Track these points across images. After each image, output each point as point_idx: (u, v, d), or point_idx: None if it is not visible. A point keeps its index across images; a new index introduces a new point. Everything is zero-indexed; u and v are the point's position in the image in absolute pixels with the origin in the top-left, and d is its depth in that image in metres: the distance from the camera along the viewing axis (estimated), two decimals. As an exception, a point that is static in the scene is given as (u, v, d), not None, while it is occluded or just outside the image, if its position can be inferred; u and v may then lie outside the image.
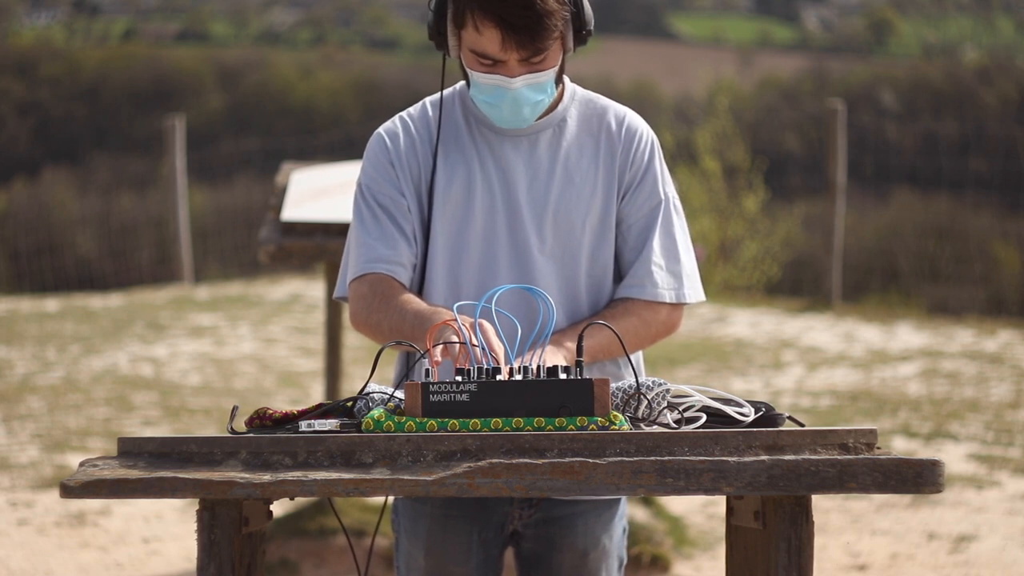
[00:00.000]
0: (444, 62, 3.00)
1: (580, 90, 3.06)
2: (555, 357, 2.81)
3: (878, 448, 2.35)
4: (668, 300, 3.00)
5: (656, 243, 3.01)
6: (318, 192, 5.76)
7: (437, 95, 3.05)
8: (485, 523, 3.07)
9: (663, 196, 3.04)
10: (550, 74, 2.90)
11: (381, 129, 3.05)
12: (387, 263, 2.95)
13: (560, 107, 3.02)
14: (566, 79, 3.03)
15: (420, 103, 3.07)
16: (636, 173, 3.02)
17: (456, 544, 3.05)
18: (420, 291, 3.00)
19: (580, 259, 3.00)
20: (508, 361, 2.62)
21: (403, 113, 3.06)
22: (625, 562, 3.19)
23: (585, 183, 3.00)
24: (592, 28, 2.93)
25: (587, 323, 2.81)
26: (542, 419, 2.40)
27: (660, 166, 3.06)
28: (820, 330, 11.41)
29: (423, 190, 3.00)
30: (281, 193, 5.82)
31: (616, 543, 3.13)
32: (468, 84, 2.96)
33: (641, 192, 3.02)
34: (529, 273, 2.97)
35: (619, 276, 3.05)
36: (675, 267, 3.02)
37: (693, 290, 3.04)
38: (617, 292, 3.02)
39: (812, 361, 10.04)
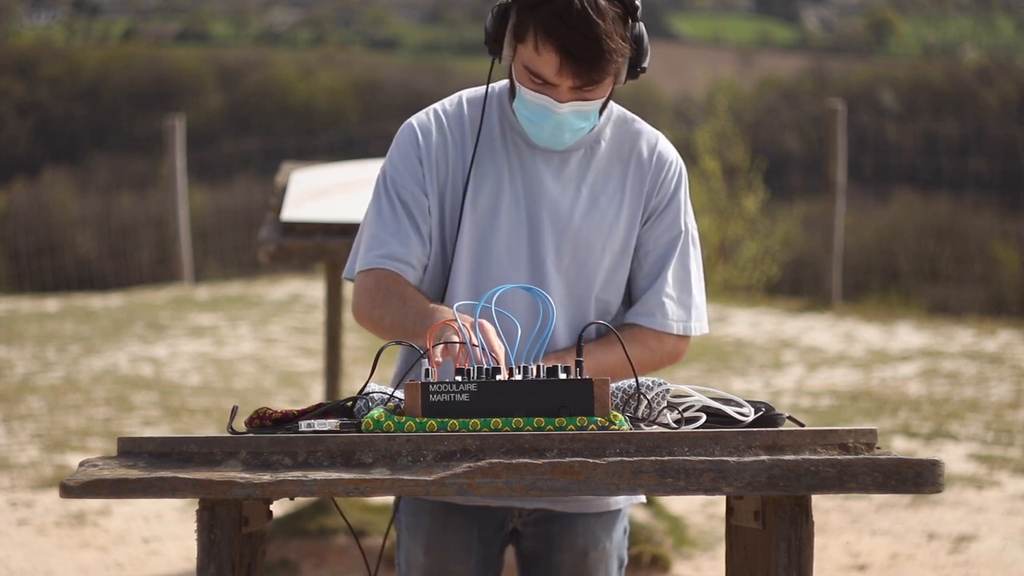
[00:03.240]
0: (492, 66, 2.95)
1: (617, 109, 3.03)
2: None
3: (878, 448, 2.35)
4: (676, 332, 3.01)
5: (671, 274, 3.00)
6: (318, 192, 5.76)
7: (475, 92, 3.01)
8: (485, 521, 3.07)
9: (683, 227, 3.03)
10: (597, 103, 2.87)
11: (414, 120, 3.00)
12: (397, 261, 2.94)
13: (596, 128, 2.99)
14: None
15: (457, 97, 3.02)
16: (661, 201, 3.01)
17: (456, 542, 3.06)
18: (443, 292, 2.99)
19: (594, 281, 2.99)
20: (508, 361, 2.61)
21: (437, 106, 3.02)
22: (626, 563, 3.19)
23: (610, 207, 2.98)
24: (646, 67, 2.90)
25: (589, 324, 2.80)
26: (542, 419, 2.40)
27: (684, 197, 3.05)
28: (820, 330, 11.41)
29: (447, 192, 2.97)
30: (281, 193, 5.82)
31: (616, 543, 3.13)
32: (512, 94, 2.93)
33: (663, 221, 3.01)
34: (543, 289, 2.95)
35: (629, 299, 3.05)
36: (686, 299, 3.02)
37: (699, 323, 3.05)
38: (627, 317, 3.02)
39: (812, 361, 10.04)
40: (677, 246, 3.02)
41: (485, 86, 3.00)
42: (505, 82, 2.99)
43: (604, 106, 2.93)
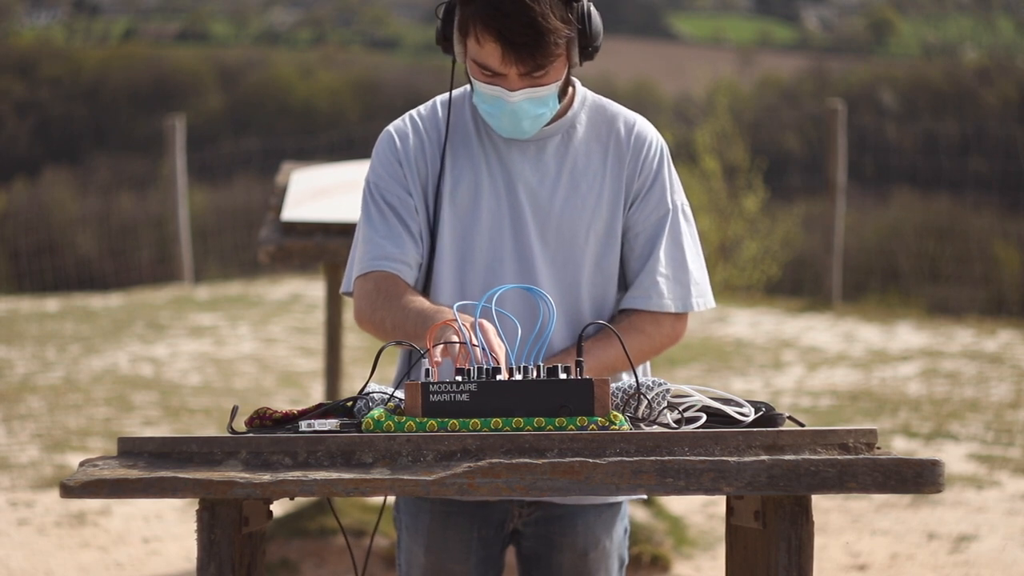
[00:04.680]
0: (453, 65, 2.99)
1: (591, 95, 3.04)
2: None
3: (878, 448, 2.35)
4: (673, 310, 2.99)
5: (663, 253, 2.99)
6: (318, 192, 5.76)
7: (447, 95, 3.04)
8: (485, 521, 3.07)
9: (671, 205, 3.02)
10: (552, 88, 2.88)
11: (391, 127, 3.04)
12: (393, 261, 2.95)
13: (570, 113, 3.00)
14: (578, 84, 3.02)
15: (431, 102, 3.06)
16: (644, 182, 3.01)
17: (456, 541, 3.06)
18: (426, 291, 3.01)
19: (583, 267, 2.99)
20: (509, 361, 2.61)
21: (413, 112, 3.05)
22: (626, 562, 3.18)
23: (591, 191, 2.99)
24: (599, 44, 2.90)
25: (588, 325, 2.80)
26: (542, 419, 2.40)
27: (669, 174, 3.04)
28: (820, 330, 11.41)
29: (430, 191, 3.00)
30: (281, 193, 5.82)
31: (617, 543, 3.13)
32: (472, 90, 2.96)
33: (649, 201, 3.01)
34: (532, 279, 2.97)
35: (624, 284, 3.04)
36: (683, 276, 3.00)
37: (702, 298, 3.03)
38: (622, 303, 3.01)
39: (812, 361, 10.04)
40: (666, 224, 3.01)
41: (450, 84, 3.02)
42: None
43: (564, 90, 2.94)
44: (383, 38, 50.96)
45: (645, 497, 3.35)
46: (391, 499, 3.19)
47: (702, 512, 6.58)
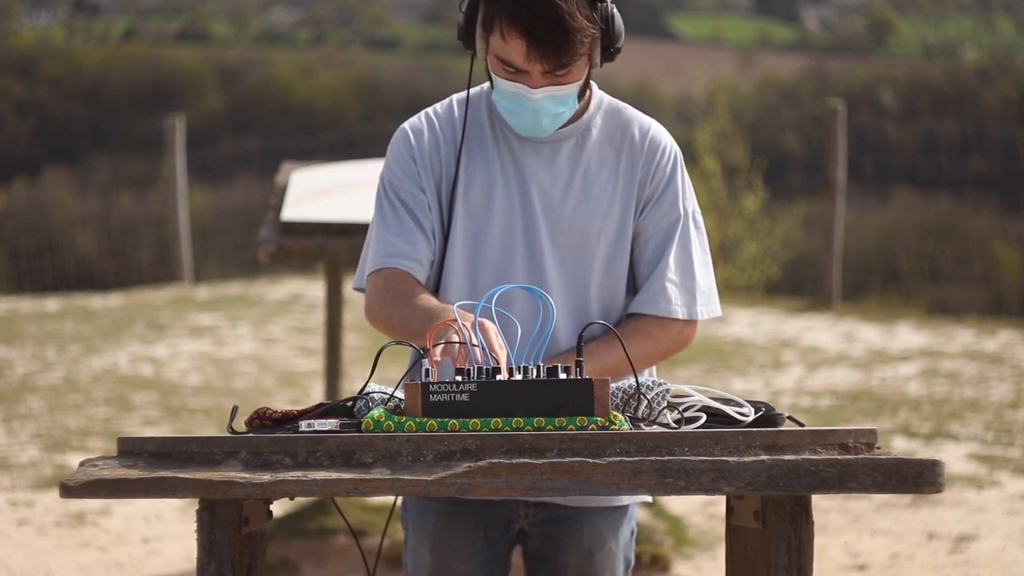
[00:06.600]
0: (472, 62, 2.99)
1: (608, 99, 3.04)
2: None
3: (878, 448, 2.35)
4: (680, 316, 2.99)
5: (672, 259, 2.99)
6: (318, 192, 5.76)
7: (464, 93, 3.04)
8: (491, 521, 3.07)
9: (682, 211, 3.02)
10: (573, 88, 2.88)
11: (406, 124, 3.04)
12: (404, 258, 2.95)
13: (585, 116, 3.00)
14: (594, 87, 3.02)
15: (448, 100, 3.06)
16: (656, 187, 3.01)
17: (461, 541, 3.06)
18: (437, 289, 3.01)
19: (592, 270, 2.99)
20: (509, 361, 2.61)
21: (429, 109, 3.05)
22: (632, 564, 3.18)
23: (603, 195, 2.99)
24: (621, 46, 2.90)
25: (589, 324, 2.80)
26: (542, 419, 2.40)
27: (682, 180, 3.04)
28: (820, 330, 11.41)
29: (444, 189, 3.00)
30: (281, 193, 5.82)
31: (623, 545, 3.13)
32: (492, 87, 2.96)
33: (660, 207, 3.01)
34: (542, 280, 2.97)
35: (633, 289, 3.05)
36: (690, 283, 3.00)
37: (708, 306, 3.02)
38: (630, 307, 3.02)
39: (812, 361, 10.04)
40: (677, 230, 3.01)
41: (468, 82, 3.02)
42: None
43: (583, 91, 2.94)
44: (383, 38, 50.97)
45: (650, 500, 3.34)
46: (399, 500, 3.19)
47: (702, 512, 6.58)
